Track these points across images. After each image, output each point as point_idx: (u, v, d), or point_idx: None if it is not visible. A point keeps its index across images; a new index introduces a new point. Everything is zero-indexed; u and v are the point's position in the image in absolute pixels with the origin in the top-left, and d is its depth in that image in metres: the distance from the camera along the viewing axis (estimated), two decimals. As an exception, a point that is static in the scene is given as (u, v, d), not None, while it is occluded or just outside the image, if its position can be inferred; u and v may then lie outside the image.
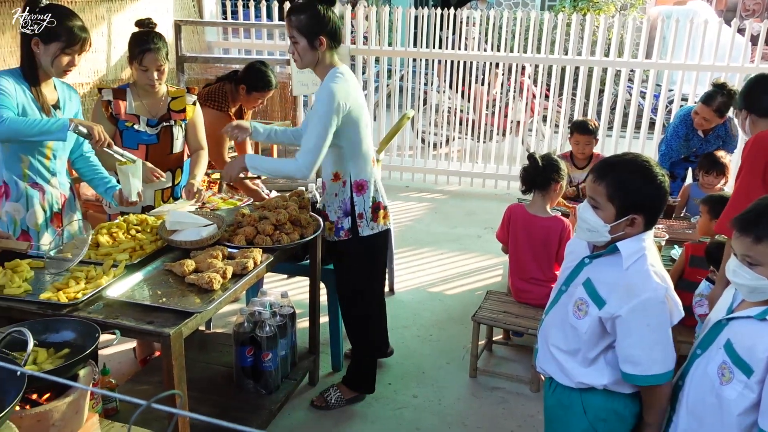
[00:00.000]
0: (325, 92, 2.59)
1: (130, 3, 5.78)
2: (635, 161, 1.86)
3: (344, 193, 2.82)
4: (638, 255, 1.85)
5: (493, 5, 12.52)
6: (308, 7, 2.59)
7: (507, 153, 6.80)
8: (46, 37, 2.52)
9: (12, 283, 2.23)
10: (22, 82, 2.55)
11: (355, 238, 2.87)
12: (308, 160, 2.59)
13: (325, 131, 2.59)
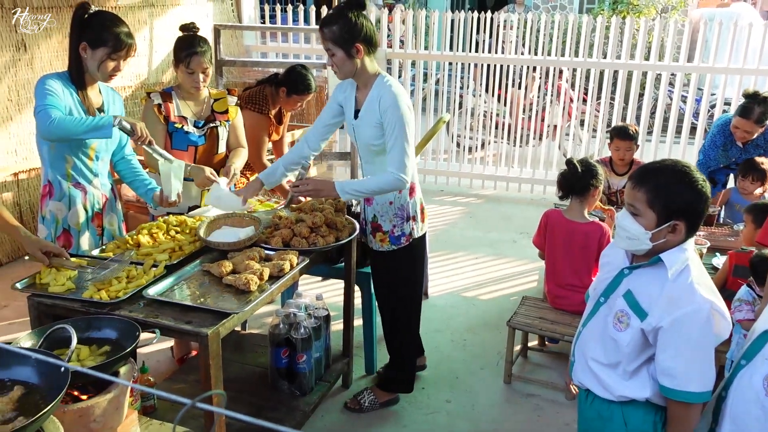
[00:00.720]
0: (391, 100, 2.61)
1: (172, 8, 5.89)
2: (675, 166, 1.83)
3: (401, 199, 2.82)
4: (682, 266, 1.81)
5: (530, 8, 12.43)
6: (339, 17, 2.57)
7: (543, 157, 6.73)
8: (93, 43, 2.59)
9: (56, 281, 2.29)
10: (69, 85, 2.62)
11: (412, 241, 2.89)
12: (401, 166, 2.62)
13: (405, 135, 2.62)
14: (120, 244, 2.65)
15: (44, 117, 2.46)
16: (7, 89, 4.51)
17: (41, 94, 2.53)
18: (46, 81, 2.57)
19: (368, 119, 2.70)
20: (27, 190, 4.77)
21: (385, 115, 2.62)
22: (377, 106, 2.64)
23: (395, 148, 2.63)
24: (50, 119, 2.45)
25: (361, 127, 2.75)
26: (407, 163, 2.64)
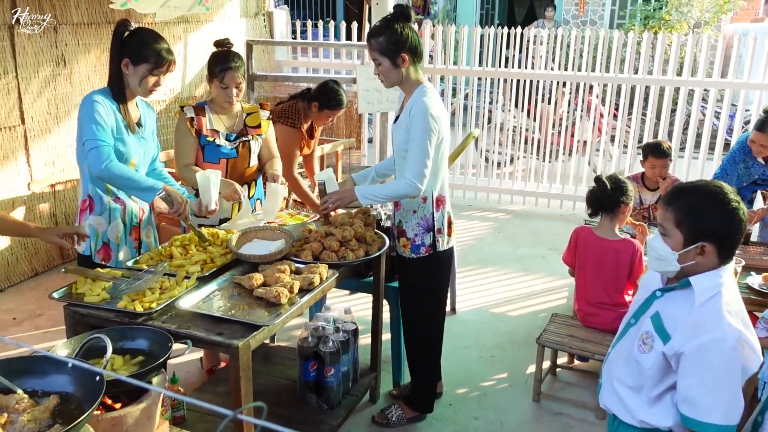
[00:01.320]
0: (420, 107, 2.65)
1: (206, 24, 6.00)
2: (706, 186, 1.79)
3: (425, 209, 2.83)
4: (713, 291, 1.75)
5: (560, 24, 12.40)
6: (385, 28, 2.65)
7: (573, 173, 6.68)
8: (135, 59, 2.66)
9: (92, 292, 2.34)
10: (112, 101, 2.69)
11: (434, 253, 2.88)
12: (416, 173, 2.65)
13: (427, 143, 2.65)
14: (153, 256, 2.69)
15: (98, 157, 2.57)
16: (47, 103, 4.63)
17: (88, 118, 2.60)
18: (94, 102, 2.63)
19: (402, 124, 2.76)
20: (63, 201, 4.88)
21: (412, 121, 2.67)
22: (410, 111, 2.70)
23: (413, 154, 2.67)
24: (103, 161, 2.57)
25: (396, 131, 2.83)
26: (423, 171, 2.67)
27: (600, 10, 13.18)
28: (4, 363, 1.85)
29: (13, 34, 4.31)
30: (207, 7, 5.46)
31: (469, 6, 14.81)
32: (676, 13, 10.42)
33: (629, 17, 12.12)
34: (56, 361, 1.79)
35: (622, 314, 3.21)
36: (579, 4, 13.20)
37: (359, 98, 5.36)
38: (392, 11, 2.70)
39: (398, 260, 2.99)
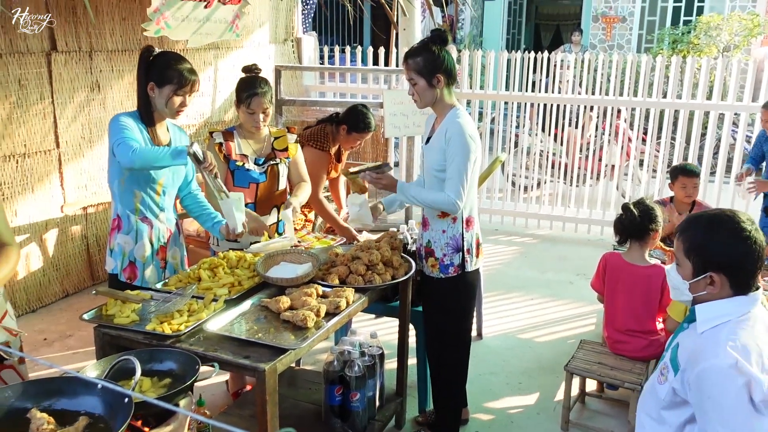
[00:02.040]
0: (457, 128, 2.70)
1: (235, 50, 6.12)
2: (716, 215, 1.76)
3: (454, 229, 2.84)
4: (717, 321, 1.71)
5: (587, 48, 12.39)
6: (423, 49, 2.73)
7: (601, 197, 6.62)
8: (159, 81, 2.72)
9: (121, 313, 2.37)
10: (140, 123, 2.75)
11: (462, 274, 2.88)
12: (457, 193, 2.69)
13: (466, 163, 2.69)
14: (182, 278, 2.72)
15: (125, 148, 2.59)
16: (81, 127, 4.74)
17: (117, 128, 2.67)
18: (119, 118, 2.72)
19: (436, 145, 2.79)
20: (95, 224, 4.97)
21: (449, 142, 2.71)
22: (444, 134, 2.73)
23: (454, 174, 2.70)
24: (132, 149, 2.58)
25: (428, 152, 2.85)
26: (463, 191, 2.71)
27: (627, 35, 13.15)
28: (35, 384, 1.88)
29: (50, 61, 4.44)
30: (237, 34, 5.57)
31: (496, 31, 14.88)
32: (705, 37, 10.35)
33: (657, 41, 12.07)
34: (86, 383, 1.82)
35: (652, 342, 3.18)
36: (606, 29, 13.19)
37: (386, 122, 5.39)
38: (430, 34, 2.77)
39: (425, 281, 2.98)
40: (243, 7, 5.51)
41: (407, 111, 5.46)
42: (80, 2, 4.52)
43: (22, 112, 4.31)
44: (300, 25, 7.41)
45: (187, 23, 4.99)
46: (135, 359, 1.90)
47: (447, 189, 2.72)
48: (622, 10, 13.07)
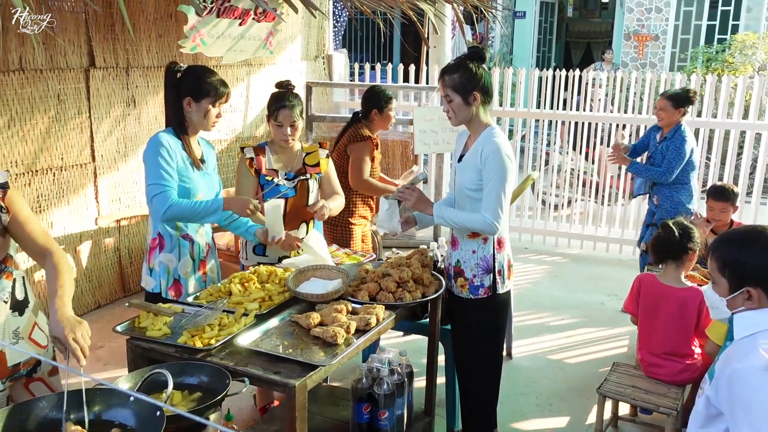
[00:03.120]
0: (493, 147, 2.67)
1: (268, 66, 6.19)
2: (747, 231, 1.78)
3: (485, 250, 2.80)
4: (755, 329, 1.70)
5: (618, 66, 12.29)
6: (460, 66, 2.72)
7: (633, 217, 6.52)
8: (196, 95, 2.77)
9: (154, 326, 2.39)
10: (177, 139, 2.78)
11: (493, 296, 2.84)
12: (495, 214, 2.66)
13: (504, 183, 2.66)
14: (213, 292, 2.73)
15: (162, 201, 2.66)
16: (116, 141, 4.83)
17: (154, 162, 2.70)
18: (159, 143, 2.73)
19: (470, 163, 2.76)
20: (127, 237, 5.03)
21: (486, 162, 2.68)
22: (480, 153, 2.70)
23: (491, 194, 2.67)
24: (168, 204, 2.66)
25: (462, 170, 2.82)
26: (500, 211, 2.67)
27: (660, 53, 13.04)
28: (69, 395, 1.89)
29: (89, 77, 4.54)
30: (270, 51, 5.64)
31: (526, 49, 14.87)
32: (740, 55, 10.21)
33: (690, 60, 11.94)
34: (119, 394, 1.83)
35: (689, 366, 3.10)
36: (638, 47, 13.09)
37: (416, 139, 5.39)
38: (467, 51, 2.77)
39: (454, 301, 2.94)
40: (276, 24, 5.58)
41: (437, 128, 5.47)
42: (118, 20, 4.63)
43: (60, 126, 4.41)
44: (331, 42, 7.48)
45: (222, 40, 5.07)
46: (167, 373, 1.91)
47: (484, 210, 2.68)
48: (655, 29, 12.97)
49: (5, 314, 2.11)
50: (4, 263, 2.11)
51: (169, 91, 2.82)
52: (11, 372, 2.14)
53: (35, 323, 2.23)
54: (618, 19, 13.94)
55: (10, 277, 2.13)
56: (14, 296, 2.14)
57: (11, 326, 2.13)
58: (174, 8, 4.96)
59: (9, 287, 2.12)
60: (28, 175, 4.24)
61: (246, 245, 3.27)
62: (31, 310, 2.22)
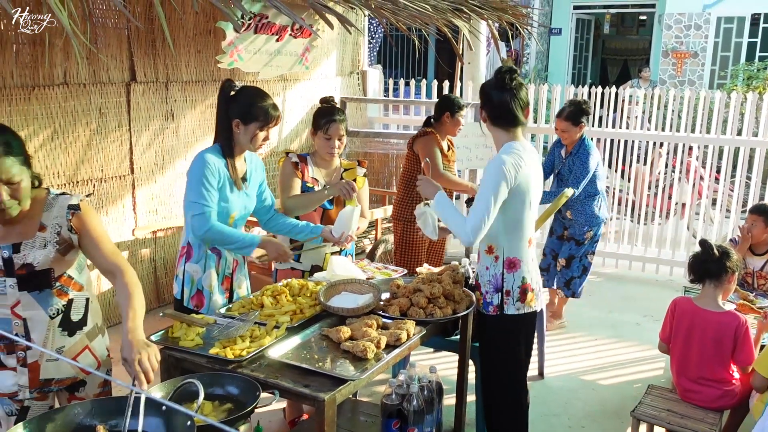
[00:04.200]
0: (494, 162, 2.64)
1: (303, 81, 6.27)
2: None
3: (496, 268, 2.78)
4: None
5: (656, 83, 12.13)
6: (484, 84, 2.82)
7: (670, 237, 6.40)
8: (245, 118, 2.79)
9: (186, 336, 2.42)
10: (221, 158, 2.82)
11: (502, 315, 2.80)
12: (473, 226, 2.60)
13: (491, 200, 2.59)
14: (245, 304, 2.76)
15: (202, 223, 2.72)
16: (154, 154, 4.93)
17: (198, 181, 2.73)
18: (206, 162, 2.75)
19: None
20: (163, 248, 5.12)
21: (485, 170, 2.68)
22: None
23: (479, 206, 2.61)
24: (207, 227, 2.72)
25: None
26: (480, 224, 2.59)
27: (699, 70, 12.83)
28: (103, 402, 1.92)
29: (129, 91, 4.65)
30: (306, 66, 5.71)
31: (561, 65, 14.78)
32: (783, 73, 10.00)
33: (730, 77, 11.73)
34: (151, 403, 1.85)
35: (727, 392, 3.01)
36: (676, 64, 12.91)
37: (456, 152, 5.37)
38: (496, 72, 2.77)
39: (478, 314, 2.94)
40: (313, 40, 5.66)
41: (471, 144, 5.45)
42: (159, 36, 4.74)
43: (101, 138, 4.52)
44: (366, 58, 7.54)
45: (260, 56, 5.16)
46: (199, 383, 1.93)
47: (468, 216, 2.64)
48: (694, 46, 12.78)
49: (51, 329, 2.15)
50: (58, 280, 2.15)
51: (221, 109, 2.85)
52: (41, 385, 2.18)
53: (87, 347, 2.26)
54: (656, 36, 13.78)
55: (64, 296, 2.17)
56: (67, 316, 2.18)
57: (56, 343, 2.16)
58: (212, 24, 5.06)
59: (59, 304, 2.16)
60: (69, 186, 4.35)
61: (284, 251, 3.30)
62: (85, 334, 2.25)
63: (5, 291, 2.08)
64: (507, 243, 2.75)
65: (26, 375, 2.14)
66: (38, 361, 2.15)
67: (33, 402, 2.20)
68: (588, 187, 4.55)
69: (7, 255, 2.05)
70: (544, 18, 14.26)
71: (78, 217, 2.15)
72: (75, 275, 2.21)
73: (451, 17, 4.68)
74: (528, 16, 6.53)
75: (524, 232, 2.76)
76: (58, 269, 2.14)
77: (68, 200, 2.16)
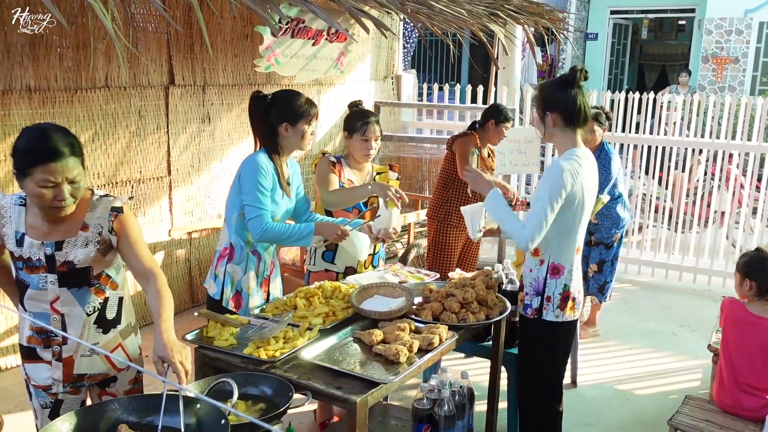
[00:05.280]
0: (553, 168, 2.63)
1: (337, 85, 6.30)
2: None
3: (539, 272, 2.76)
4: None
5: (695, 89, 11.91)
6: (546, 86, 2.79)
7: (708, 245, 6.27)
8: (293, 120, 2.85)
9: (221, 336, 2.44)
10: (271, 162, 2.87)
11: (540, 320, 2.78)
12: (531, 231, 2.60)
13: (550, 206, 2.59)
14: (278, 305, 2.78)
15: (258, 224, 2.77)
16: (191, 156, 5.00)
17: (254, 183, 2.78)
18: (259, 164, 2.80)
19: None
20: (198, 249, 5.19)
21: (542, 177, 2.67)
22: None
23: (537, 212, 2.61)
24: (264, 228, 2.77)
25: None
26: (540, 230, 2.59)
27: (740, 76, 12.55)
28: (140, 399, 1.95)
29: (168, 94, 4.73)
30: (341, 70, 5.74)
31: (597, 71, 14.59)
32: (828, 79, 9.72)
33: (773, 83, 11.45)
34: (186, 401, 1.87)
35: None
36: (717, 70, 12.65)
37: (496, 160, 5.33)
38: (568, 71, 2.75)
39: (511, 325, 2.92)
40: (348, 45, 5.69)
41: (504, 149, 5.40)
42: (198, 40, 4.82)
43: (140, 140, 4.61)
44: (400, 63, 7.55)
45: (296, 60, 5.21)
46: (233, 382, 1.95)
47: (526, 222, 2.63)
48: (735, 51, 12.50)
49: (87, 326, 2.21)
50: (97, 279, 2.21)
51: (261, 118, 2.89)
52: (75, 380, 2.24)
53: (120, 344, 2.31)
54: (695, 42, 13.51)
55: (101, 294, 2.22)
56: (103, 314, 2.24)
57: (90, 340, 2.22)
58: (250, 29, 5.13)
59: (96, 302, 2.21)
60: (109, 187, 4.44)
61: (315, 252, 3.33)
62: (119, 332, 2.30)
63: (46, 287, 2.13)
64: (556, 248, 2.73)
65: (60, 369, 2.20)
66: (72, 356, 2.21)
67: (66, 396, 2.26)
68: (611, 190, 4.51)
69: (50, 252, 2.11)
70: (580, 23, 14.10)
71: (120, 219, 2.20)
72: (113, 274, 2.26)
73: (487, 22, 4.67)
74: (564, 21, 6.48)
75: (574, 239, 2.75)
76: (97, 268, 2.19)
77: (112, 202, 2.21)
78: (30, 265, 2.13)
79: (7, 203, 2.17)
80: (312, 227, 2.85)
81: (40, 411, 2.29)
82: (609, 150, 4.50)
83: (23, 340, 2.23)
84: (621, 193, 4.61)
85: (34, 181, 2.01)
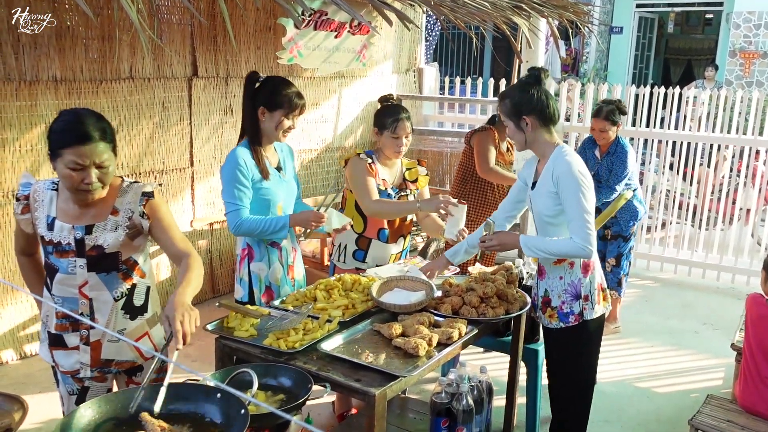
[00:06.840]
0: (564, 167, 2.59)
1: (360, 79, 6.30)
2: None
3: (572, 275, 2.72)
4: None
5: (721, 84, 11.72)
6: (511, 92, 2.70)
7: (733, 243, 6.18)
8: (270, 106, 2.83)
9: (241, 327, 2.46)
10: (249, 151, 2.87)
11: (583, 322, 2.74)
12: (584, 235, 2.57)
13: (583, 201, 2.57)
14: (298, 297, 2.79)
15: (234, 218, 2.81)
16: (213, 148, 5.04)
17: (231, 179, 2.81)
18: (237, 159, 2.81)
19: (543, 189, 2.68)
20: (219, 239, 5.23)
21: (558, 183, 2.60)
22: (551, 176, 2.63)
23: (575, 217, 2.58)
24: (239, 222, 2.80)
25: (536, 197, 2.74)
26: (589, 231, 2.57)
27: (768, 71, 12.32)
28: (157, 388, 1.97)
29: (191, 86, 4.77)
30: (363, 63, 5.73)
31: (622, 65, 14.42)
32: None
33: (802, 79, 11.22)
34: (207, 390, 1.89)
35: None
36: (744, 65, 12.43)
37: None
38: (527, 74, 2.71)
39: (545, 332, 2.87)
40: (370, 38, 5.68)
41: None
42: (221, 32, 4.84)
43: (163, 131, 4.65)
44: (422, 56, 7.52)
45: (318, 52, 5.21)
46: (253, 372, 1.96)
47: (572, 232, 2.59)
48: (764, 45, 12.27)
49: (115, 311, 2.24)
50: (125, 264, 2.24)
51: (247, 100, 2.89)
52: (102, 365, 2.27)
53: (147, 333, 2.34)
54: (723, 36, 13.27)
55: (128, 280, 2.26)
56: (130, 300, 2.27)
57: (118, 325, 2.25)
58: (273, 21, 5.14)
59: (124, 288, 2.25)
60: (132, 178, 4.48)
61: (346, 249, 3.32)
62: (146, 320, 2.33)
63: (75, 271, 2.17)
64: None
65: (88, 353, 2.24)
66: (100, 340, 2.24)
67: (93, 383, 2.29)
68: (628, 183, 4.48)
69: (80, 236, 2.15)
70: (605, 16, 13.93)
71: (151, 204, 2.24)
72: (140, 261, 2.29)
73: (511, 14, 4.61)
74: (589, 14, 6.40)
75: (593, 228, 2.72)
76: (126, 253, 2.23)
77: (143, 187, 2.26)
78: (60, 249, 2.17)
79: (39, 188, 2.21)
80: (286, 219, 2.83)
81: (66, 398, 2.33)
82: (624, 144, 4.46)
83: (51, 327, 2.26)
84: (637, 186, 4.59)
85: (63, 163, 2.05)
